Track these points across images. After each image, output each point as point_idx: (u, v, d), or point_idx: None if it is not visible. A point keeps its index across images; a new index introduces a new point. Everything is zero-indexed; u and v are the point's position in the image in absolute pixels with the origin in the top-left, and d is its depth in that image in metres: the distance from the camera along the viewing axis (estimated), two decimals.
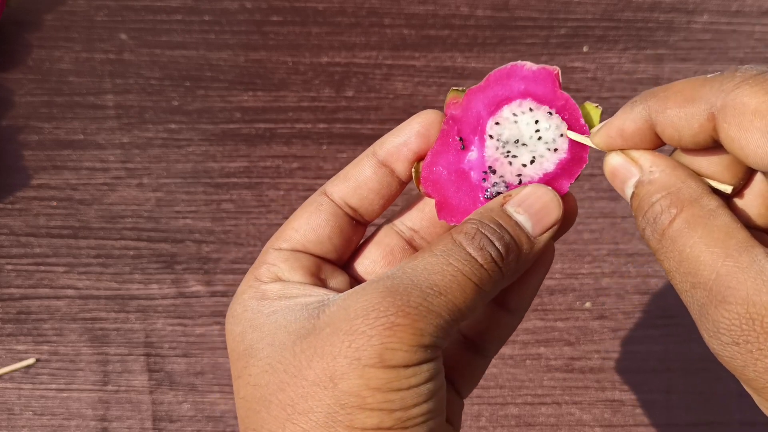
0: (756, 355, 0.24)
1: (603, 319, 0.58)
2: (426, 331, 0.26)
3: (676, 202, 0.26)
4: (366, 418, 0.25)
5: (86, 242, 0.58)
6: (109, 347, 0.56)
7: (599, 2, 0.67)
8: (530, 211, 0.29)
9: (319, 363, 0.26)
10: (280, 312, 0.28)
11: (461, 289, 0.27)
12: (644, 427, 0.55)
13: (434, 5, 0.66)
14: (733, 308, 0.24)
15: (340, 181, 0.31)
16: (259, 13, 0.66)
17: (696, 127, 0.26)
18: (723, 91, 0.25)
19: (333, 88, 0.63)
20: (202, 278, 0.57)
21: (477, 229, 0.28)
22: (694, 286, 0.25)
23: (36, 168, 0.60)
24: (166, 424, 0.54)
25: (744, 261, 0.24)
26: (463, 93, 0.31)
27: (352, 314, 0.26)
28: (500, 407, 0.55)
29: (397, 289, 0.26)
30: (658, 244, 0.27)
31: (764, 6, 0.68)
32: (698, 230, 0.25)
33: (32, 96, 0.62)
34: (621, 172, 0.28)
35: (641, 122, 0.27)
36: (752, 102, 0.24)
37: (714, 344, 0.25)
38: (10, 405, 0.54)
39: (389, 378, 0.25)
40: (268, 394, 0.27)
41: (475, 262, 0.27)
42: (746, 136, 0.25)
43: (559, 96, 0.30)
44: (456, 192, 0.31)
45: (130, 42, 0.64)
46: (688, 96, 0.26)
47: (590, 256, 0.59)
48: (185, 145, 0.61)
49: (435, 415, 0.27)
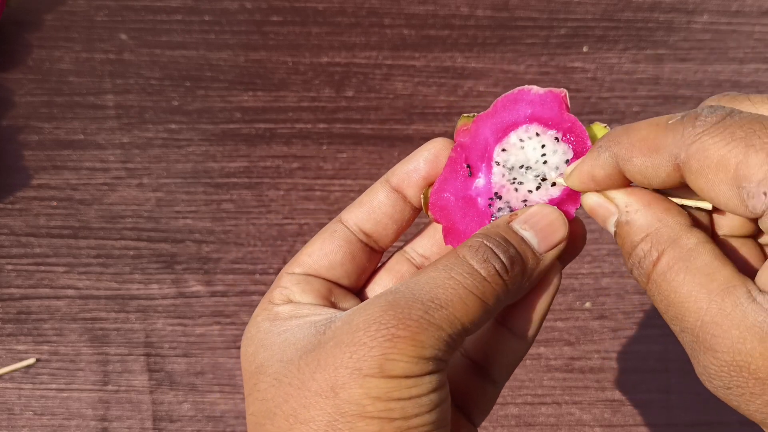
0: (748, 398, 0.24)
1: (603, 319, 0.58)
2: (427, 343, 0.26)
3: (656, 244, 0.26)
4: (366, 426, 0.25)
5: (86, 242, 0.58)
6: (109, 347, 0.56)
7: (599, 2, 0.67)
8: (536, 228, 0.29)
9: (322, 374, 0.26)
10: (290, 331, 0.29)
11: (463, 303, 0.27)
12: (644, 427, 0.55)
13: (434, 5, 0.66)
14: (720, 356, 0.24)
15: (355, 207, 0.32)
16: (259, 13, 0.66)
17: (664, 176, 0.26)
18: (684, 143, 0.25)
19: (333, 88, 0.63)
20: (202, 278, 0.57)
21: (481, 243, 0.28)
22: (683, 330, 0.26)
23: (36, 168, 0.60)
24: (166, 424, 0.54)
25: (727, 306, 0.24)
26: (472, 119, 0.32)
27: (354, 327, 0.26)
28: (500, 407, 0.55)
29: (399, 303, 0.26)
30: (646, 286, 0.27)
31: (764, 6, 0.68)
32: (680, 274, 0.25)
33: (32, 96, 0.62)
34: (599, 211, 0.28)
35: (610, 168, 0.27)
36: (715, 155, 0.24)
37: (708, 385, 0.26)
38: (10, 405, 0.54)
39: (389, 387, 0.25)
40: (274, 407, 0.27)
41: (478, 275, 0.27)
42: (714, 188, 0.25)
43: (566, 119, 0.30)
44: (463, 218, 0.31)
45: (130, 42, 0.64)
46: (651, 146, 0.26)
47: (590, 256, 0.59)
48: (185, 145, 0.61)
49: (437, 427, 0.27)
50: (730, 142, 0.24)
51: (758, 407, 0.24)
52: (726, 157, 0.24)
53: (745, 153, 0.24)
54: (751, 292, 0.24)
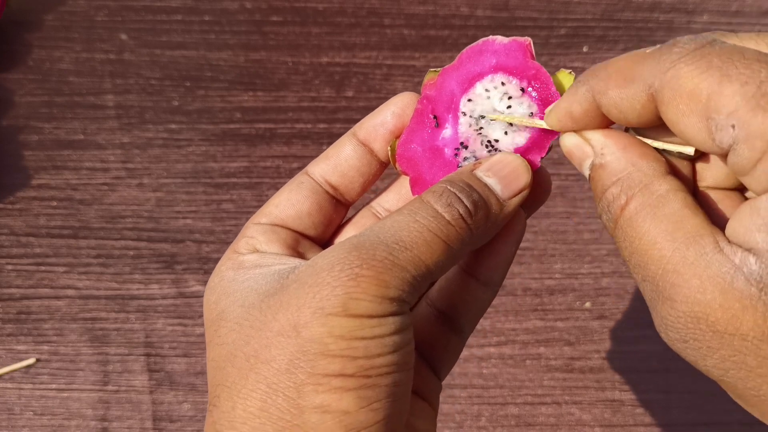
0: (705, 353, 0.24)
1: (603, 319, 0.58)
2: (391, 283, 0.26)
3: (626, 188, 0.25)
4: (328, 364, 0.25)
5: (86, 242, 0.58)
6: (109, 347, 0.56)
7: (599, 2, 0.67)
8: (499, 175, 0.29)
9: (284, 314, 0.26)
10: (253, 278, 0.28)
11: (428, 245, 0.26)
12: (644, 427, 0.55)
13: (434, 5, 0.66)
14: (678, 306, 0.23)
15: (321, 160, 0.32)
16: (259, 13, 0.66)
17: (638, 108, 0.25)
18: (660, 70, 0.24)
19: (333, 88, 0.63)
20: (202, 278, 0.57)
21: (446, 188, 0.28)
22: (644, 279, 0.25)
23: (36, 168, 0.60)
24: (166, 424, 0.54)
25: (690, 255, 0.23)
26: (437, 74, 0.32)
27: (317, 269, 0.26)
28: (500, 407, 0.55)
29: (363, 245, 0.26)
30: (614, 232, 0.26)
31: (764, 6, 0.68)
32: (647, 220, 0.24)
33: (32, 96, 0.62)
34: (575, 153, 0.28)
35: (587, 104, 0.26)
36: (688, 84, 0.23)
37: (664, 338, 0.25)
38: (10, 405, 0.54)
39: (353, 326, 0.25)
40: (234, 350, 0.27)
41: (443, 219, 0.27)
42: (684, 120, 0.24)
43: (531, 66, 0.30)
44: (430, 168, 0.31)
45: (130, 42, 0.64)
46: (627, 75, 0.25)
47: (590, 256, 0.59)
48: (185, 145, 0.61)
49: (400, 369, 0.26)
50: (706, 70, 0.23)
51: (715, 362, 0.23)
52: (699, 87, 0.23)
53: (719, 83, 0.22)
54: (719, 242, 0.23)
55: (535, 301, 0.58)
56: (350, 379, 0.25)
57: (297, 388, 0.25)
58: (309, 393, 0.25)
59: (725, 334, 0.23)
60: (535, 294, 0.58)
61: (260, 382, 0.26)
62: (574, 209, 0.60)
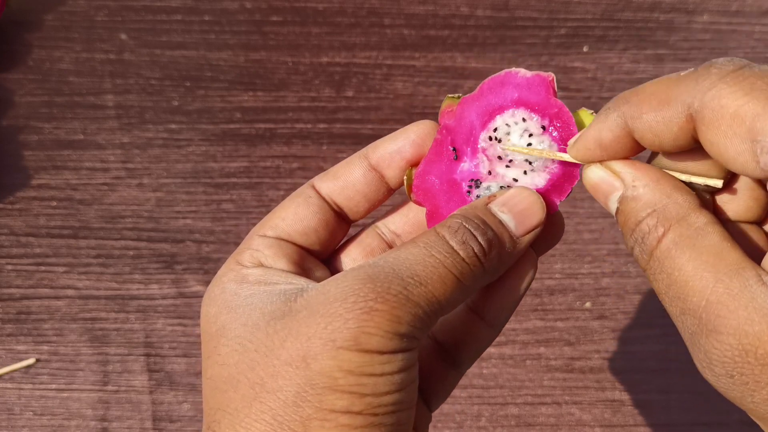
0: (752, 387, 0.23)
1: (603, 319, 0.58)
2: (404, 319, 0.25)
3: (663, 220, 0.25)
4: (336, 399, 0.25)
5: (86, 242, 0.58)
6: (109, 347, 0.56)
7: (599, 2, 0.67)
8: (514, 211, 0.28)
9: (293, 343, 0.25)
10: (257, 295, 0.28)
11: (442, 281, 0.26)
12: (644, 427, 0.55)
13: (434, 5, 0.66)
14: (724, 339, 0.23)
15: (330, 178, 0.31)
16: (259, 13, 0.66)
17: (675, 130, 0.25)
18: (699, 91, 0.24)
19: (333, 88, 0.63)
20: (202, 278, 0.57)
21: (461, 224, 0.27)
22: (683, 312, 0.24)
23: (36, 168, 0.60)
24: (166, 424, 0.54)
25: (735, 287, 0.23)
26: (457, 101, 0.31)
27: (330, 298, 0.26)
28: (500, 407, 0.55)
29: (378, 276, 0.26)
30: (647, 264, 0.25)
31: (764, 6, 0.68)
32: (686, 252, 0.24)
33: (32, 96, 0.62)
34: (602, 186, 0.27)
35: (618, 130, 0.26)
36: (731, 105, 0.23)
37: (708, 375, 0.24)
38: (10, 405, 0.54)
39: (363, 362, 0.25)
40: (237, 373, 0.26)
41: (457, 256, 0.27)
42: (726, 142, 0.23)
43: (553, 104, 0.29)
44: (447, 202, 0.31)
45: (130, 42, 0.64)
46: (662, 98, 0.25)
47: (590, 256, 0.59)
48: (185, 145, 0.61)
49: (405, 407, 0.26)
50: (750, 92, 0.23)
51: (764, 397, 0.23)
52: (743, 108, 0.23)
53: (764, 105, 0.22)
54: (760, 275, 0.23)
55: (535, 301, 0.58)
56: (357, 416, 0.25)
57: (303, 423, 0.25)
58: (315, 429, 0.25)
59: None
60: (535, 294, 0.58)
61: (265, 413, 0.25)
62: (574, 209, 0.60)
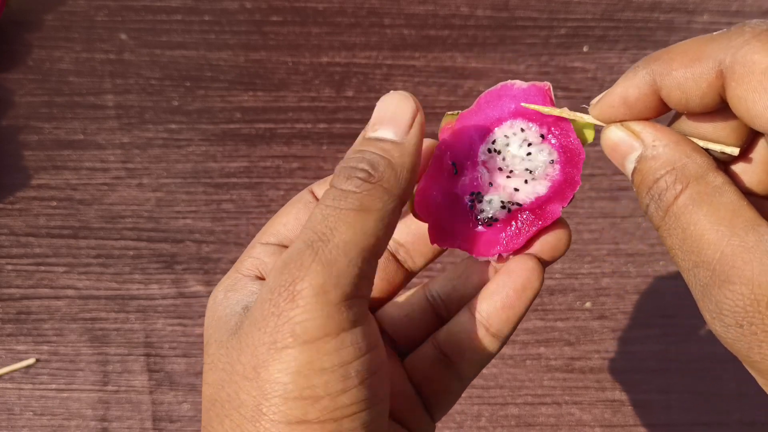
0: (761, 337, 0.23)
1: (603, 319, 0.58)
2: (328, 285, 0.24)
3: (682, 178, 0.25)
4: (289, 409, 0.24)
5: (86, 242, 0.58)
6: (109, 347, 0.56)
7: (599, 2, 0.67)
8: (384, 122, 0.27)
9: (245, 356, 0.25)
10: (231, 306, 0.28)
11: (346, 224, 0.25)
12: (644, 427, 0.55)
13: (434, 5, 0.66)
14: (737, 288, 0.23)
15: (327, 183, 0.31)
16: (259, 13, 0.66)
17: (704, 86, 0.25)
18: (732, 47, 0.24)
19: (333, 88, 0.63)
20: (202, 278, 0.57)
21: (341, 166, 0.27)
22: (696, 265, 0.24)
23: (36, 168, 0.60)
24: (166, 424, 0.54)
25: (750, 240, 0.23)
26: (456, 117, 0.31)
27: (261, 300, 0.25)
28: (500, 407, 0.55)
29: (290, 258, 0.25)
30: (662, 221, 0.26)
31: (764, 6, 0.68)
32: (704, 207, 0.24)
33: (32, 96, 0.62)
34: (621, 146, 0.27)
35: (646, 87, 0.27)
36: (764, 60, 0.23)
37: (717, 326, 0.25)
38: (10, 405, 0.54)
39: (309, 357, 0.24)
40: (214, 393, 0.26)
41: (348, 192, 0.26)
42: (754, 96, 0.24)
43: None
44: (449, 217, 0.31)
45: (130, 42, 0.64)
46: (694, 55, 0.25)
47: (590, 256, 0.59)
48: (185, 145, 0.61)
49: (369, 405, 0.25)
50: None
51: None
52: None
53: None
54: None
55: (536, 301, 0.58)
56: (314, 425, 0.24)
57: None
58: None
59: None
60: None
61: (233, 430, 0.25)
62: (575, 209, 0.60)
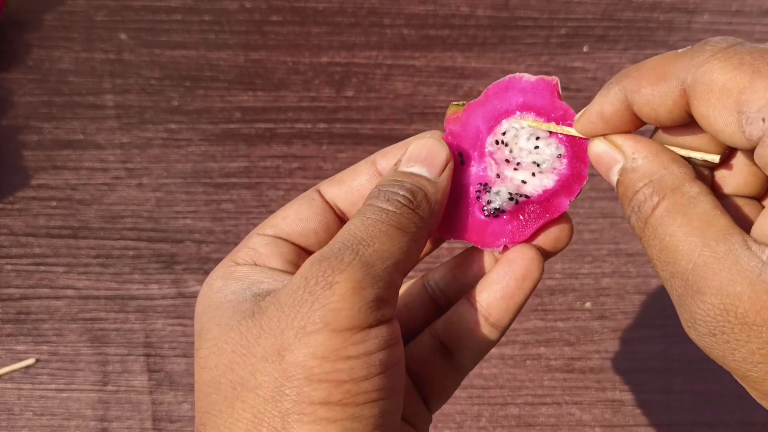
0: (733, 346, 0.24)
1: (603, 319, 0.58)
2: (365, 282, 0.26)
3: (659, 189, 0.26)
4: (313, 390, 0.25)
5: (86, 242, 0.58)
6: (108, 347, 0.56)
7: (599, 2, 0.67)
8: (419, 160, 0.30)
9: (267, 339, 0.26)
10: (236, 293, 0.28)
11: (385, 236, 0.27)
12: (644, 427, 0.55)
13: (434, 5, 0.66)
14: (708, 299, 0.24)
15: (335, 183, 0.32)
16: (259, 13, 0.66)
17: (670, 104, 0.26)
18: (693, 66, 0.25)
19: (333, 88, 0.63)
20: (202, 278, 0.57)
21: (379, 189, 0.29)
22: (673, 276, 0.25)
23: (36, 168, 0.60)
24: (166, 424, 0.54)
25: (720, 250, 0.24)
26: (462, 108, 0.31)
27: (293, 288, 0.26)
28: (500, 407, 0.55)
29: (329, 254, 0.26)
30: (642, 232, 0.27)
31: (764, 6, 0.68)
32: (678, 218, 0.25)
33: (32, 96, 0.62)
34: (605, 159, 0.28)
35: (618, 103, 0.27)
36: (720, 78, 0.24)
37: (692, 334, 0.25)
38: (10, 405, 0.54)
39: (336, 344, 0.25)
40: (218, 376, 0.26)
41: (388, 211, 0.28)
42: (715, 114, 0.25)
43: (558, 106, 0.30)
44: (456, 207, 0.31)
45: (130, 42, 0.64)
46: (660, 73, 0.26)
47: (590, 256, 0.59)
48: (185, 145, 0.61)
49: (388, 395, 0.26)
50: (738, 66, 0.24)
51: (744, 355, 0.24)
52: (731, 82, 0.24)
53: (751, 78, 0.24)
54: (746, 241, 0.24)
55: (536, 301, 0.58)
56: (336, 408, 0.25)
57: (282, 418, 0.25)
58: (293, 424, 0.25)
59: (754, 325, 0.23)
60: (536, 294, 0.58)
61: (246, 411, 0.25)
62: (575, 209, 0.60)
